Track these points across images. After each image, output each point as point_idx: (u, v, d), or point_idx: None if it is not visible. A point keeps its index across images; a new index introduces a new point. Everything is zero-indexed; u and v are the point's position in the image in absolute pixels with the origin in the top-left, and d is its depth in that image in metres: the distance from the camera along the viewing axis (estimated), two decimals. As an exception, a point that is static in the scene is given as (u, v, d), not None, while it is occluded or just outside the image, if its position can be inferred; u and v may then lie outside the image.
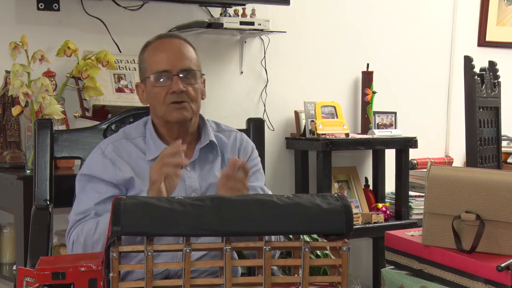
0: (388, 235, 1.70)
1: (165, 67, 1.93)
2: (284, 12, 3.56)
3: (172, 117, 1.94)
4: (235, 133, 2.09)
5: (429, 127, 4.13)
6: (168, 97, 1.93)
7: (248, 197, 1.30)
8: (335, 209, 1.28)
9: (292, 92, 3.67)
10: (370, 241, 3.80)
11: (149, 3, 3.23)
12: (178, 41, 1.99)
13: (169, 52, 1.95)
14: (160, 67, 1.94)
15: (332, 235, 1.30)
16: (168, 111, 1.93)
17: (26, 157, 2.71)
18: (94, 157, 1.95)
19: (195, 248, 1.25)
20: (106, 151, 1.94)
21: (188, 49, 1.99)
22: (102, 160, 1.92)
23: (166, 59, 1.94)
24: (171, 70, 1.93)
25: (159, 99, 1.94)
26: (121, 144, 1.96)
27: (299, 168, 3.59)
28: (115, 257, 1.23)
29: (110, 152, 1.93)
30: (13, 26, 2.97)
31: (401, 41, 4.02)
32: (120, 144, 1.96)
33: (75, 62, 2.86)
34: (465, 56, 2.77)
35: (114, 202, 1.24)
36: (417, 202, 3.71)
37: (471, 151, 2.73)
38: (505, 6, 4.34)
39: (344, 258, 1.29)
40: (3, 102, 2.82)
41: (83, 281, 1.32)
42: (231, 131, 2.10)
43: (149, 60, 1.97)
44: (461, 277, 1.52)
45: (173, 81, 1.93)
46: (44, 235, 2.02)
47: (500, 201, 1.54)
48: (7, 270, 2.86)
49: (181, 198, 1.27)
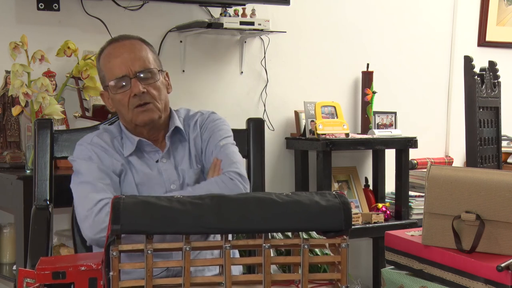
0: (388, 235, 1.70)
1: (121, 73, 1.92)
2: (284, 12, 3.56)
3: (139, 120, 1.94)
4: (200, 113, 2.08)
5: (429, 127, 4.13)
6: (131, 101, 1.92)
7: (248, 195, 1.30)
8: (334, 206, 1.28)
9: (292, 92, 3.67)
10: (370, 241, 3.80)
11: (149, 3, 3.24)
12: (129, 42, 1.97)
13: (122, 56, 1.93)
14: (117, 74, 1.93)
15: (331, 232, 1.30)
16: (135, 115, 1.93)
17: (26, 157, 2.71)
18: (83, 148, 1.95)
19: (194, 246, 1.25)
20: (93, 141, 1.95)
21: (141, 48, 1.96)
22: (92, 148, 1.93)
23: (120, 64, 1.92)
24: (127, 74, 1.92)
25: (123, 105, 1.94)
26: (104, 137, 1.98)
27: (299, 168, 3.59)
28: (115, 256, 1.23)
29: (98, 140, 1.95)
30: (13, 26, 2.98)
31: (401, 41, 4.03)
32: (103, 136, 1.98)
33: (75, 62, 2.86)
34: (465, 56, 2.77)
35: (113, 201, 1.24)
36: (417, 202, 3.71)
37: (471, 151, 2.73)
38: (505, 6, 4.34)
39: (343, 255, 1.29)
40: (3, 102, 2.82)
41: (83, 280, 1.32)
42: (197, 113, 2.09)
43: (105, 68, 1.96)
44: (461, 277, 1.52)
45: (132, 84, 1.92)
46: (44, 235, 2.02)
47: (500, 201, 1.54)
48: (7, 270, 2.86)
49: (181, 197, 1.28)
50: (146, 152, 1.98)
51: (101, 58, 1.98)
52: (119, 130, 2.01)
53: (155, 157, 1.97)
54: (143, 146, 1.97)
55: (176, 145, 2.01)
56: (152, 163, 1.96)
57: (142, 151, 1.97)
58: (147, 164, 1.96)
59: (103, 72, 1.97)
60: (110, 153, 1.94)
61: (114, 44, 1.98)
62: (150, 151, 1.98)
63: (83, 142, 1.96)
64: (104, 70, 1.97)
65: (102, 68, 1.98)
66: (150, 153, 1.98)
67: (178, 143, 2.01)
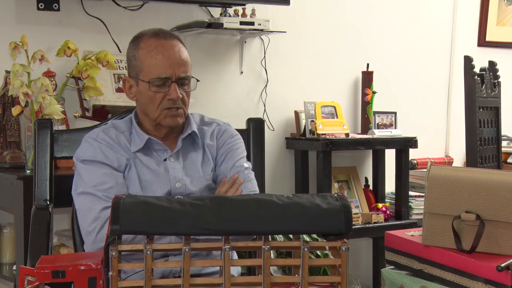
0: (388, 235, 1.70)
1: (165, 74, 1.91)
2: (284, 12, 3.56)
3: (165, 122, 1.94)
4: (217, 123, 2.09)
5: (429, 127, 4.13)
6: (164, 102, 1.92)
7: (248, 196, 1.30)
8: (335, 209, 1.28)
9: (292, 92, 3.67)
10: (370, 241, 3.80)
11: (149, 3, 3.24)
12: (176, 43, 1.95)
13: (170, 58, 1.92)
14: (160, 73, 1.91)
15: (331, 235, 1.30)
16: (162, 116, 1.94)
17: (26, 157, 2.71)
18: (88, 144, 1.95)
19: (194, 247, 1.25)
20: (98, 137, 1.95)
21: (185, 53, 1.96)
22: (98, 145, 1.93)
23: (166, 65, 1.91)
24: (170, 76, 1.91)
25: (154, 103, 1.93)
26: (111, 131, 1.97)
27: (299, 168, 3.59)
28: (115, 256, 1.23)
29: (103, 136, 1.95)
30: (13, 26, 2.98)
31: (401, 41, 4.03)
32: (109, 131, 1.97)
33: (75, 62, 2.86)
34: (465, 56, 2.77)
35: (113, 201, 1.24)
36: (417, 202, 3.71)
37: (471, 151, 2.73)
38: (505, 6, 4.34)
39: (343, 258, 1.28)
40: (3, 102, 2.82)
41: (83, 279, 1.33)
42: (213, 122, 2.09)
43: (145, 61, 1.93)
44: (461, 277, 1.52)
45: (171, 88, 1.92)
46: (44, 235, 2.02)
47: (500, 201, 1.54)
48: (7, 270, 2.86)
49: (181, 198, 1.27)
50: (155, 150, 1.97)
51: (142, 49, 1.94)
52: (129, 125, 2.00)
53: (164, 156, 1.97)
54: (152, 144, 1.97)
55: (188, 149, 2.00)
56: (160, 161, 1.96)
57: (151, 148, 1.97)
58: (155, 160, 1.96)
59: (140, 63, 1.93)
60: (115, 148, 1.93)
61: (161, 41, 1.94)
62: (159, 150, 1.98)
63: (89, 138, 1.96)
64: (143, 62, 1.93)
65: (142, 59, 1.93)
66: (159, 151, 1.98)
67: (190, 147, 2.01)
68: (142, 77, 1.93)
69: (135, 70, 1.96)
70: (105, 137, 1.95)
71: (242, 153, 2.06)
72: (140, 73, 1.94)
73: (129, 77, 1.99)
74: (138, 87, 1.96)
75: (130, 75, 1.99)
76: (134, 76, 1.97)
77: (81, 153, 1.94)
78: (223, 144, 2.04)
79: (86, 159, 1.92)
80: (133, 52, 1.96)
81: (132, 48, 1.98)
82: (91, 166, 1.90)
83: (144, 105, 1.97)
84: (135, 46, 1.96)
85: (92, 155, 1.91)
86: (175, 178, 1.95)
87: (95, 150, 1.92)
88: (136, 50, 1.95)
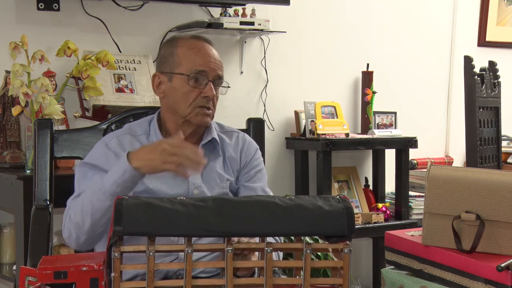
0: (388, 235, 1.70)
1: (204, 68, 1.93)
2: (284, 12, 3.56)
3: (196, 120, 1.94)
4: (237, 134, 2.10)
5: (429, 127, 4.13)
6: (199, 100, 1.93)
7: (250, 198, 1.30)
8: (337, 211, 1.28)
9: (292, 92, 3.67)
10: (370, 241, 3.80)
11: (149, 3, 3.24)
12: (213, 47, 2.00)
13: (207, 55, 1.95)
14: (199, 67, 1.92)
15: (333, 237, 1.30)
16: (194, 114, 1.94)
17: (26, 157, 2.71)
18: (98, 149, 1.95)
19: (196, 248, 1.25)
20: (110, 144, 1.93)
21: (219, 58, 2.00)
22: (106, 152, 1.92)
23: (207, 61, 1.94)
24: (208, 73, 1.93)
25: (187, 99, 1.93)
26: (126, 139, 1.96)
27: (299, 168, 3.59)
28: (117, 257, 1.23)
29: (115, 145, 1.93)
30: (13, 26, 2.98)
31: (401, 41, 4.03)
32: (124, 139, 1.95)
33: (75, 62, 2.86)
34: (465, 56, 2.78)
35: (116, 202, 1.24)
36: (417, 202, 3.71)
37: (471, 151, 2.73)
38: (505, 6, 4.34)
39: (345, 260, 1.28)
40: (3, 102, 2.82)
41: (85, 280, 1.33)
42: (233, 131, 2.10)
43: (184, 56, 1.94)
44: (461, 277, 1.53)
45: (208, 86, 1.93)
46: (44, 235, 2.02)
47: (500, 201, 1.54)
48: (7, 270, 2.86)
49: (183, 199, 1.27)
50: None
51: (182, 47, 1.96)
52: (146, 128, 1.99)
53: None
54: None
55: (207, 155, 1.97)
56: None
57: None
58: None
59: (179, 58, 1.94)
60: None
61: (201, 42, 1.98)
62: None
63: (102, 142, 1.96)
64: (183, 58, 1.94)
65: (181, 55, 1.94)
66: None
67: (209, 153, 1.99)
68: (180, 70, 1.94)
69: (170, 66, 1.96)
70: (116, 147, 1.93)
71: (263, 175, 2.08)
72: (178, 67, 1.94)
73: (161, 73, 1.99)
74: (172, 83, 1.95)
75: (163, 71, 1.98)
76: (168, 71, 1.97)
77: (90, 154, 1.95)
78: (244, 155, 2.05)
79: (87, 162, 1.93)
80: (171, 49, 1.98)
81: (169, 46, 1.99)
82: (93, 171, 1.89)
83: (174, 101, 1.96)
84: (173, 45, 1.98)
85: (96, 159, 1.92)
86: (193, 185, 1.94)
87: (101, 159, 1.91)
88: (175, 48, 1.97)
